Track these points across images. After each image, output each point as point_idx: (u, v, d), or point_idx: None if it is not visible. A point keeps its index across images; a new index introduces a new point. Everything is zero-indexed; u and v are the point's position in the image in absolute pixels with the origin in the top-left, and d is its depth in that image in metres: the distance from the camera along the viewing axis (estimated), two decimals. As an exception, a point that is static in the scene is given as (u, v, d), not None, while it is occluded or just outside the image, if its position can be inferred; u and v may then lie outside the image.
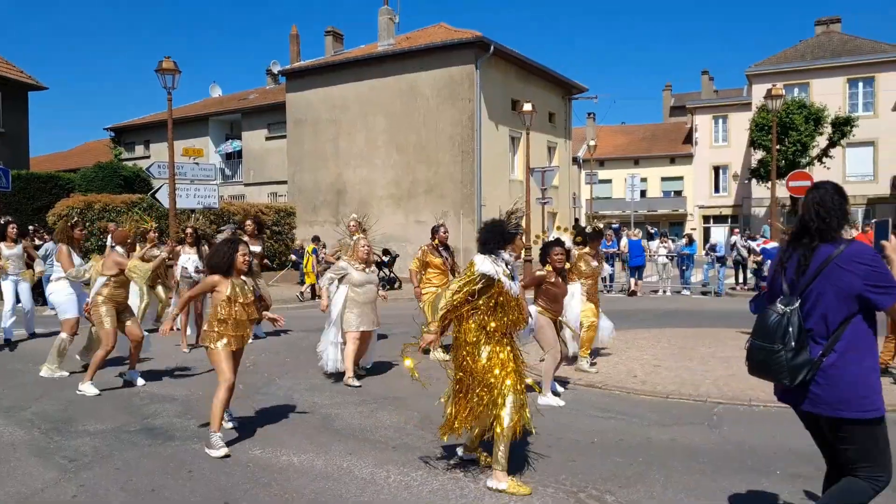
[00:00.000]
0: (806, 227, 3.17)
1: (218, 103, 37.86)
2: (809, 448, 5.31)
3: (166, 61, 15.46)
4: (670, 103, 56.31)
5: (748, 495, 4.41)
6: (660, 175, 46.78)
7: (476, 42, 24.20)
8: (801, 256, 3.15)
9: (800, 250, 3.18)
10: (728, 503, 4.31)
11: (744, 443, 5.54)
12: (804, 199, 3.22)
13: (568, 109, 31.84)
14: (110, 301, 7.39)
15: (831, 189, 3.21)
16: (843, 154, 35.08)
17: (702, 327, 11.69)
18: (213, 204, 18.14)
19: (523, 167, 22.62)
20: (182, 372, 8.37)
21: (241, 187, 33.72)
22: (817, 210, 3.15)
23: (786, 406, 6.84)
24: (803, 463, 4.96)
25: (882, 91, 36.24)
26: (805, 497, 4.35)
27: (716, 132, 44.29)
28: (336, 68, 27.45)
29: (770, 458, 5.11)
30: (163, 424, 6.15)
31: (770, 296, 3.32)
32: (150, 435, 5.80)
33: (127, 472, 4.89)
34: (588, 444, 5.52)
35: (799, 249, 3.19)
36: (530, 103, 21.08)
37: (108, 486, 4.63)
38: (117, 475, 4.84)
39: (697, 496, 4.39)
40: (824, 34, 40.11)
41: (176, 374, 8.25)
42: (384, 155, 26.18)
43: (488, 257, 4.66)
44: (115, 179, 25.22)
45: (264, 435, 5.77)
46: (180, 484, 4.67)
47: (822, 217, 3.13)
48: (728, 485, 4.57)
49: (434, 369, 8.56)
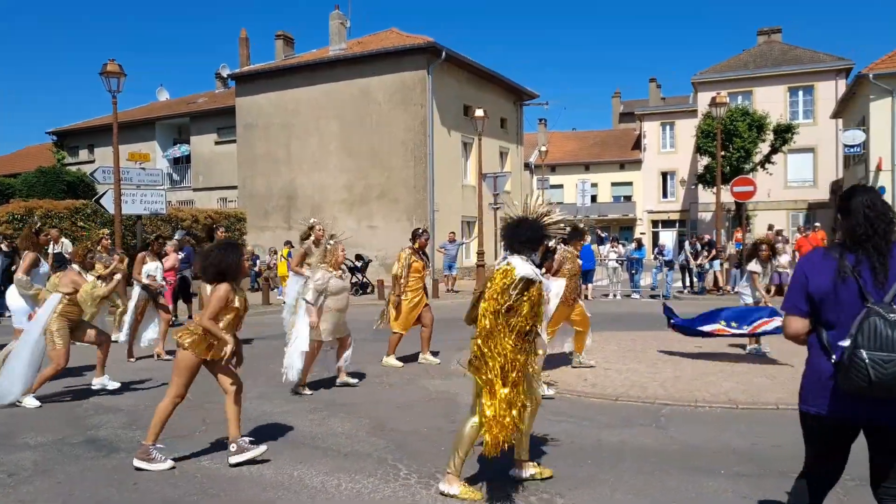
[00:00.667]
0: (859, 232, 2.99)
1: (165, 107, 37.17)
2: (751, 448, 5.48)
3: (111, 64, 15.15)
4: (619, 110, 57.32)
5: (694, 496, 4.51)
6: (610, 180, 47.57)
7: (428, 48, 24.28)
8: (877, 262, 2.96)
9: (873, 255, 2.97)
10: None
11: (689, 443, 5.66)
12: (851, 205, 3.04)
13: (519, 115, 32.14)
14: (63, 318, 7.20)
15: (875, 192, 3.10)
16: (784, 160, 36.16)
17: (650, 330, 11.90)
18: (161, 210, 17.82)
19: (476, 172, 22.75)
20: (128, 382, 8.17)
21: (190, 192, 33.13)
22: (874, 214, 3.00)
23: (729, 406, 7.03)
24: (745, 462, 5.11)
25: (821, 99, 37.51)
26: (747, 496, 4.46)
27: (663, 139, 45.25)
28: (287, 72, 27.23)
29: (714, 458, 5.23)
30: (107, 436, 6.00)
31: (834, 307, 3.02)
32: (93, 447, 5.66)
33: (69, 486, 4.76)
34: (541, 447, 5.56)
35: (870, 254, 2.98)
36: (482, 109, 21.23)
37: (48, 501, 4.50)
38: (59, 489, 4.70)
39: (645, 497, 4.47)
40: (766, 44, 41.37)
41: (122, 384, 8.03)
42: (336, 160, 26.05)
43: (523, 258, 4.35)
44: (58, 185, 24.59)
45: (213, 444, 5.67)
46: (125, 497, 4.57)
47: (883, 219, 2.99)
48: (675, 485, 4.67)
49: (388, 375, 8.57)
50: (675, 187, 44.86)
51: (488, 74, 28.11)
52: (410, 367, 9.12)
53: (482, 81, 28.18)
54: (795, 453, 5.24)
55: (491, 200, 21.42)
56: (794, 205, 37.71)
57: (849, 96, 30.48)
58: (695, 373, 8.34)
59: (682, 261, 20.24)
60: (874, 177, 26.81)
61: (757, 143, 33.16)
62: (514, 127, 31.54)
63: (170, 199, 26.16)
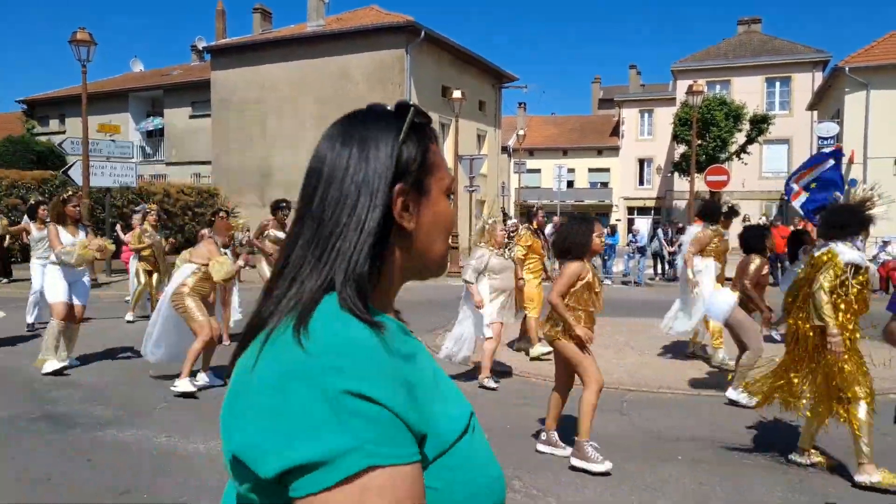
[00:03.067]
0: None
1: (139, 78, 36.51)
2: (710, 434, 5.54)
3: (81, 32, 14.81)
4: (599, 96, 57.30)
5: (651, 481, 4.54)
6: (587, 166, 47.62)
7: (407, 27, 24.04)
8: None
9: None
10: (632, 489, 4.43)
11: (650, 429, 5.71)
12: None
13: (498, 98, 32.02)
14: (196, 294, 6.62)
15: None
16: (760, 151, 36.46)
17: (620, 317, 11.97)
18: (131, 183, 17.54)
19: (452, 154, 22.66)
20: (90, 357, 8.02)
21: (163, 166, 32.65)
22: None
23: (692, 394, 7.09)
24: (703, 449, 5.16)
25: (797, 91, 37.80)
26: (704, 483, 4.50)
27: (642, 126, 45.37)
28: (264, 47, 26.84)
29: (674, 445, 5.28)
30: (65, 411, 5.91)
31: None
32: (50, 423, 5.57)
33: (23, 462, 4.68)
34: (502, 430, 5.57)
35: None
36: (460, 91, 21.10)
37: (0, 477, 4.42)
38: (12, 464, 4.62)
39: (603, 481, 4.49)
40: (745, 34, 41.52)
41: (83, 359, 7.88)
42: (312, 138, 25.46)
43: (847, 244, 4.27)
44: (27, 154, 24.07)
45: (172, 422, 5.61)
46: (79, 473, 4.50)
47: None
48: (634, 470, 4.70)
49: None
50: (651, 175, 45.05)
51: (468, 56, 27.93)
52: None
53: (461, 63, 28.00)
54: (754, 441, 5.33)
55: (466, 183, 21.35)
56: (767, 195, 38.07)
57: (825, 89, 30.75)
58: (661, 360, 8.40)
59: (656, 248, 20.36)
60: (846, 169, 27.14)
61: (733, 133, 33.36)
62: (493, 110, 31.43)
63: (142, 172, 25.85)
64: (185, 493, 4.21)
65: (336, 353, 0.80)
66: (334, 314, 0.85)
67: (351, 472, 0.74)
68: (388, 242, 0.93)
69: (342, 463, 0.74)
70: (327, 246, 0.90)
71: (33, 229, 9.66)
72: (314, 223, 0.92)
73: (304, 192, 0.96)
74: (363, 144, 0.94)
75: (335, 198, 0.92)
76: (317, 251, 0.90)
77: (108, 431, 5.32)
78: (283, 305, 0.89)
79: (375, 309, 0.89)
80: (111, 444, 5.01)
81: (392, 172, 0.93)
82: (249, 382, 0.83)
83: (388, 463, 0.76)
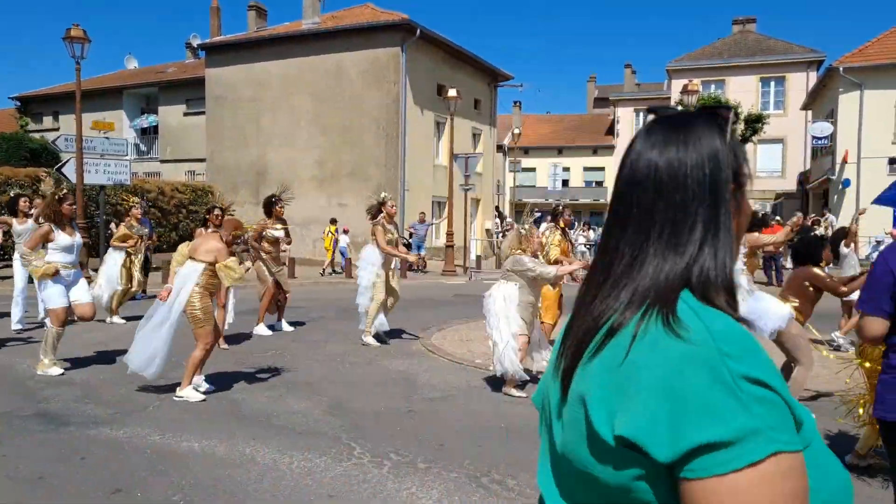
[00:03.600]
0: None
1: (134, 76, 36.39)
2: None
3: (75, 29, 14.76)
4: (594, 95, 57.32)
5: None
6: (582, 165, 47.63)
7: (403, 25, 24.00)
8: None
9: None
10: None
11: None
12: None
13: (494, 97, 32.01)
14: (206, 292, 6.38)
15: None
16: (754, 150, 36.52)
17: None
18: (125, 180, 17.50)
19: (448, 153, 22.65)
20: (83, 355, 8.01)
21: (158, 164, 32.55)
22: None
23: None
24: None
25: (792, 90, 37.86)
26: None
27: (637, 125, 45.35)
28: (259, 44, 26.77)
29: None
30: (59, 409, 5.89)
31: None
32: (43, 420, 5.55)
33: (14, 460, 4.66)
34: (496, 428, 5.58)
35: None
36: (455, 89, 21.09)
37: (-8, 475, 4.41)
38: (3, 462, 4.61)
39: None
40: (740, 33, 41.56)
41: (77, 357, 7.87)
42: (307, 136, 25.74)
43: None
44: (20, 151, 23.97)
45: (166, 420, 5.60)
46: (71, 471, 4.49)
47: None
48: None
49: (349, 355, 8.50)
50: (646, 174, 45.02)
51: (463, 54, 27.90)
52: (372, 347, 9.02)
53: (457, 61, 27.97)
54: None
55: (462, 181, 21.36)
56: (761, 194, 38.14)
57: (819, 88, 30.82)
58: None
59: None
60: (840, 169, 27.23)
61: (728, 132, 33.32)
62: (488, 108, 31.41)
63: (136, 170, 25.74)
64: (178, 491, 4.20)
65: (726, 340, 0.83)
66: (699, 308, 0.88)
67: (759, 456, 0.77)
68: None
69: (748, 445, 0.77)
70: (686, 246, 0.93)
71: (15, 223, 9.41)
72: (660, 226, 0.94)
73: (629, 198, 0.99)
74: (699, 147, 0.97)
75: (686, 201, 0.94)
76: (668, 252, 0.93)
77: (101, 430, 5.31)
78: (633, 302, 0.92)
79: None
80: (104, 443, 5.00)
81: (731, 174, 0.96)
82: (632, 373, 0.85)
83: (789, 449, 0.78)
